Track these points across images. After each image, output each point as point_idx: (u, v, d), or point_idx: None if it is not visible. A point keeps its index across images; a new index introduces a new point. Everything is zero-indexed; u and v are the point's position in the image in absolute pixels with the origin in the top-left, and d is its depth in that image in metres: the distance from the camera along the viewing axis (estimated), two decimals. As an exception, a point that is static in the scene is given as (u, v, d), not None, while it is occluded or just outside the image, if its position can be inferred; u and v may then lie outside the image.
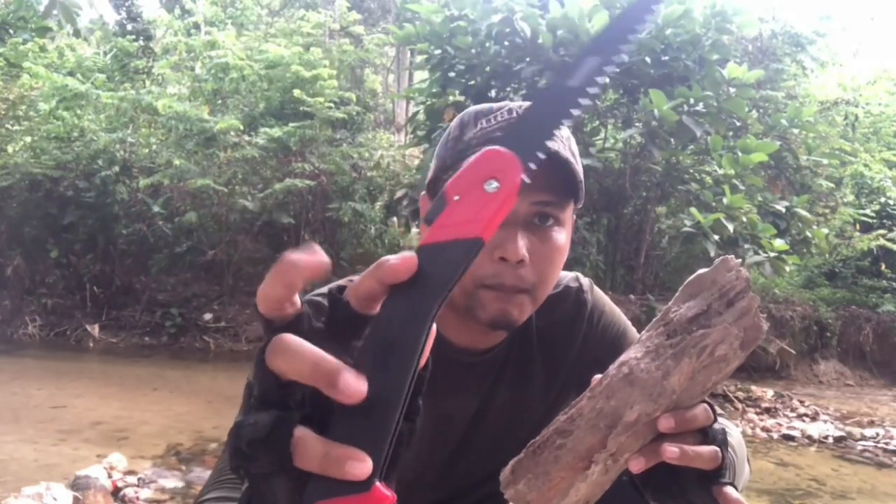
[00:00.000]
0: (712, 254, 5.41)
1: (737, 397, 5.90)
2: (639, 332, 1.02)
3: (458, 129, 0.89)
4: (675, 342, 0.61)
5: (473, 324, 0.88)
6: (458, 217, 0.40)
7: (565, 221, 0.87)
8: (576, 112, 0.45)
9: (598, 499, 0.62)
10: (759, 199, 6.29)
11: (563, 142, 0.86)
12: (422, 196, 0.94)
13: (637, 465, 0.60)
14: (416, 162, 8.33)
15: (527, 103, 0.87)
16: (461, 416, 0.98)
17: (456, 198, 0.40)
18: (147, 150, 8.61)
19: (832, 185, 8.33)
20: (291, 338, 0.36)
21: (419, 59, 7.12)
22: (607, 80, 0.46)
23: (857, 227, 9.16)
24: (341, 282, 0.92)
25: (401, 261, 0.38)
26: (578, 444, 0.60)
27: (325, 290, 0.94)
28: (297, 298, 0.38)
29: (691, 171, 6.54)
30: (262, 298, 0.38)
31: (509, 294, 0.83)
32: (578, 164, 0.86)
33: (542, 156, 0.43)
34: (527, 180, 0.41)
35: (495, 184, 0.40)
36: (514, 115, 0.86)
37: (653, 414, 0.60)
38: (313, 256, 0.38)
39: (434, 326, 0.39)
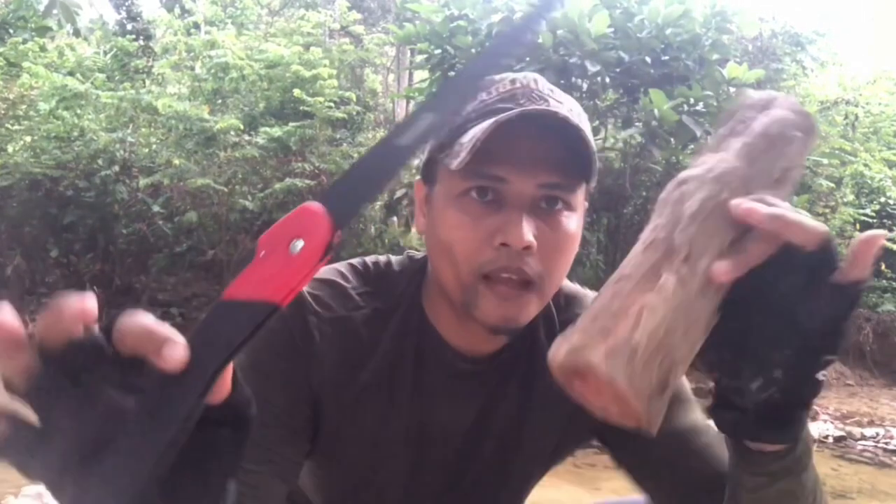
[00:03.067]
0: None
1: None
2: None
3: None
4: (721, 147, 0.53)
5: (472, 324, 0.78)
6: (260, 275, 0.39)
7: (576, 206, 0.77)
8: (401, 170, 0.44)
9: (692, 340, 0.47)
10: (759, 198, 6.30)
11: (574, 114, 0.75)
12: (416, 181, 0.85)
13: (724, 273, 0.47)
14: (416, 161, 8.32)
15: (535, 74, 0.80)
16: (453, 431, 0.87)
17: (262, 253, 0.39)
18: (147, 150, 8.61)
19: (832, 184, 8.33)
20: (139, 312, 0.39)
21: (419, 58, 7.12)
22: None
23: (858, 226, 9.15)
24: (367, 259, 0.90)
25: (169, 357, 0.37)
26: (638, 267, 0.48)
27: (343, 267, 0.87)
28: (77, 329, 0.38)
29: (691, 170, 6.54)
30: (39, 332, 0.39)
31: (512, 291, 0.73)
32: (591, 139, 0.75)
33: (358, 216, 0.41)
34: (335, 241, 0.40)
35: (301, 244, 0.39)
36: (518, 84, 0.76)
37: (719, 196, 0.48)
38: (80, 303, 0.39)
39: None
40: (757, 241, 0.47)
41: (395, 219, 8.51)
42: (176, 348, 0.36)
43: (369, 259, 0.89)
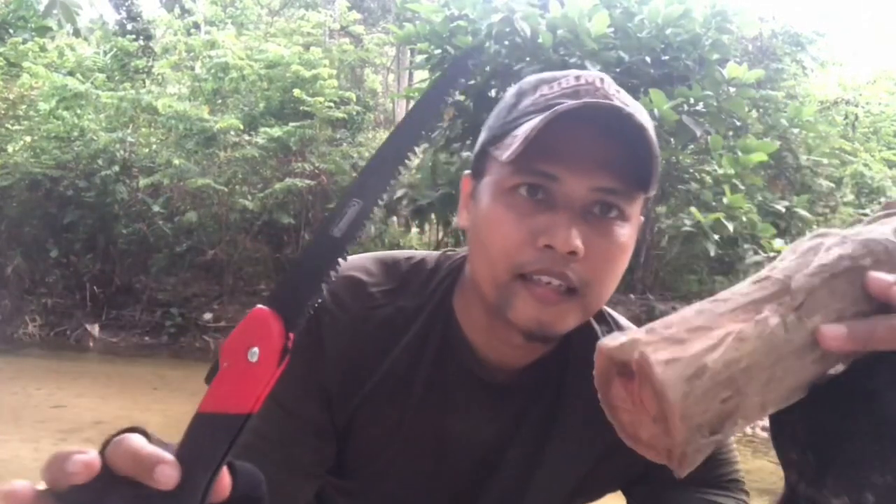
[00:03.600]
0: (712, 253, 5.42)
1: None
2: None
3: (514, 97, 0.73)
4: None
5: (504, 329, 0.71)
6: (225, 387, 0.41)
7: (631, 217, 0.70)
8: (342, 259, 0.45)
9: (768, 396, 0.40)
10: (759, 198, 6.29)
11: (641, 115, 0.68)
12: (464, 176, 0.78)
13: (834, 338, 0.39)
14: (416, 161, 8.33)
15: (601, 73, 0.74)
16: (470, 444, 0.80)
17: (225, 364, 0.41)
18: (147, 150, 8.61)
19: (832, 184, 8.33)
20: (126, 437, 0.41)
21: (419, 58, 7.11)
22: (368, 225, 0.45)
23: (857, 226, 9.15)
24: (399, 254, 0.84)
25: (162, 479, 0.39)
26: (740, 297, 0.41)
27: (370, 262, 0.82)
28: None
29: (691, 170, 6.54)
30: (47, 480, 0.41)
31: (552, 295, 0.67)
32: (655, 143, 0.67)
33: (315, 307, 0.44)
34: (289, 345, 0.42)
35: (257, 352, 0.41)
36: (582, 80, 0.70)
37: (860, 260, 0.41)
38: (83, 462, 0.40)
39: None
40: (890, 324, 0.40)
41: (394, 219, 8.51)
42: (165, 470, 0.39)
43: (402, 254, 0.84)
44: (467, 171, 0.78)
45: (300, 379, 0.76)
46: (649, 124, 0.68)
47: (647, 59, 5.97)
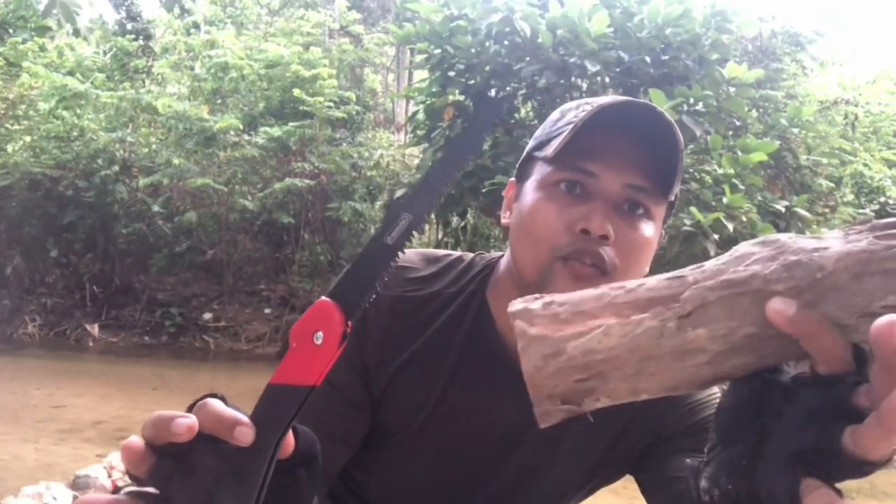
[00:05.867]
0: (712, 253, 5.41)
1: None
2: None
3: (559, 113, 0.83)
4: (854, 235, 0.41)
5: None
6: (295, 364, 0.48)
7: (656, 216, 0.79)
8: (393, 264, 0.53)
9: (639, 387, 0.43)
10: (759, 198, 6.29)
11: (669, 123, 0.75)
12: (509, 182, 0.88)
13: (778, 312, 0.39)
14: (416, 161, 8.33)
15: (623, 98, 0.82)
16: (493, 425, 0.86)
17: (294, 345, 0.49)
18: (147, 150, 8.61)
19: (832, 184, 8.33)
20: (209, 401, 0.47)
21: (419, 58, 7.11)
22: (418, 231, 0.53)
23: (857, 226, 9.15)
24: (438, 250, 0.93)
25: (241, 437, 0.46)
26: (644, 290, 0.43)
27: (411, 253, 0.91)
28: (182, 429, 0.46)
29: (691, 170, 6.54)
30: (148, 436, 0.47)
31: (587, 270, 0.75)
32: (682, 149, 0.76)
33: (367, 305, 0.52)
34: (348, 331, 0.50)
35: (321, 335, 0.49)
36: (617, 98, 0.79)
37: (772, 284, 0.39)
38: (188, 420, 0.45)
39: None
40: (822, 320, 0.39)
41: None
42: (244, 430, 0.46)
43: (441, 251, 0.94)
44: (512, 178, 0.87)
45: (344, 355, 0.83)
46: (677, 132, 0.76)
47: (647, 58, 5.97)
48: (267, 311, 8.31)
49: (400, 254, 0.53)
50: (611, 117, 0.74)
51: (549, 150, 0.76)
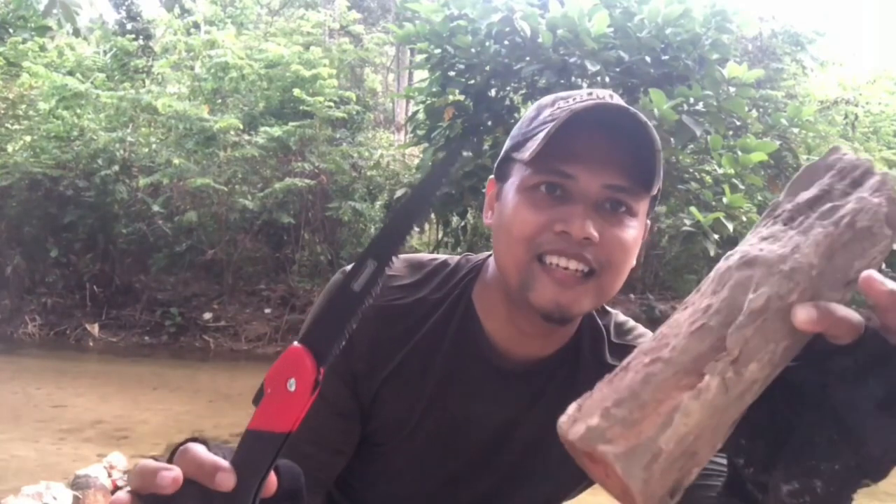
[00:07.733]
0: (712, 253, 5.41)
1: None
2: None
3: (534, 110, 0.83)
4: (799, 223, 0.46)
5: (524, 315, 0.80)
6: (270, 411, 0.50)
7: (638, 213, 0.79)
8: (360, 310, 0.54)
9: (718, 440, 0.44)
10: (759, 198, 6.30)
11: (644, 123, 0.76)
12: (489, 179, 0.87)
13: (807, 321, 0.42)
14: (416, 161, 8.33)
15: (608, 90, 0.83)
16: (482, 426, 0.88)
17: (269, 391, 0.50)
18: (147, 150, 8.62)
19: (832, 184, 8.33)
20: (191, 447, 0.50)
21: (419, 58, 7.11)
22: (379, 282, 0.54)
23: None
24: (423, 255, 0.94)
25: (221, 483, 0.48)
26: (680, 354, 0.44)
27: (395, 260, 0.90)
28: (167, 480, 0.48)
29: (691, 170, 6.54)
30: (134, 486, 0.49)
31: (570, 278, 0.75)
32: (659, 146, 0.76)
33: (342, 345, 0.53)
34: (320, 378, 0.51)
35: (294, 382, 0.50)
36: (594, 95, 0.80)
37: (787, 297, 0.43)
38: (171, 473, 0.48)
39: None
40: (846, 312, 0.44)
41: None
42: (224, 476, 0.48)
43: (426, 256, 0.94)
44: (492, 176, 0.87)
45: (332, 368, 0.83)
46: (650, 126, 0.76)
47: (647, 58, 5.97)
48: (267, 310, 8.31)
49: (368, 300, 0.54)
50: (586, 118, 0.74)
51: (526, 154, 0.76)
